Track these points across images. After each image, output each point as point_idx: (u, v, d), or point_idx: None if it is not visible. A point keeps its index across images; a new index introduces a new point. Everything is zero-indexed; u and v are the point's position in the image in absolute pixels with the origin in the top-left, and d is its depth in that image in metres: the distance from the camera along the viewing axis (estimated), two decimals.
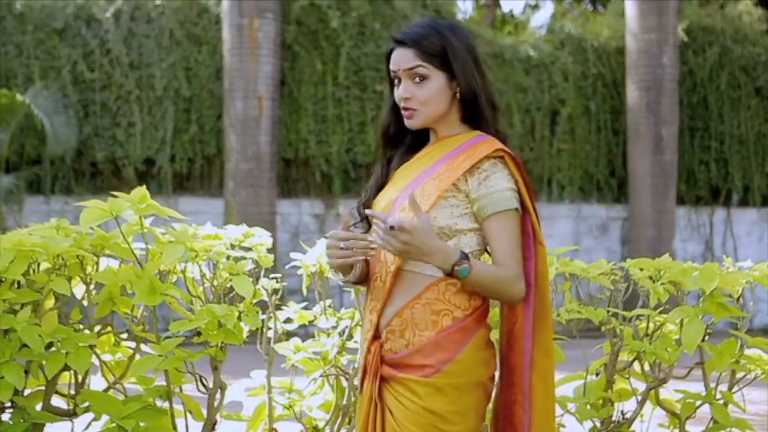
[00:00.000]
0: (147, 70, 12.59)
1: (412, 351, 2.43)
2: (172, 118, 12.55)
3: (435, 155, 2.52)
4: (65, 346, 3.09)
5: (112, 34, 12.53)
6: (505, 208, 2.43)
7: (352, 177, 13.13)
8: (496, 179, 2.44)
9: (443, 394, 2.41)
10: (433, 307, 2.42)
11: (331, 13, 12.93)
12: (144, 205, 3.11)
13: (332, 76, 12.93)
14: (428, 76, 2.47)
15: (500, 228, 2.42)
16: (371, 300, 2.53)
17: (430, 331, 2.42)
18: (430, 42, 2.47)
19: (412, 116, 2.50)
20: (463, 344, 2.43)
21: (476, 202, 2.44)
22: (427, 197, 2.42)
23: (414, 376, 2.42)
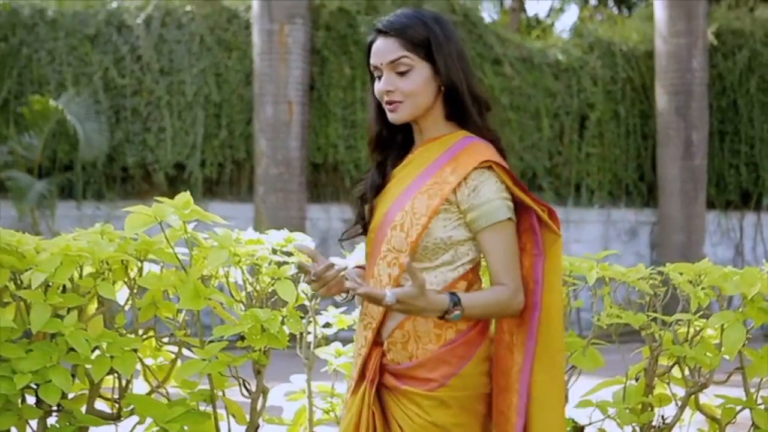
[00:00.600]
0: (177, 76, 12.67)
1: (416, 364, 2.40)
2: (202, 124, 12.62)
3: (422, 161, 2.45)
4: (111, 350, 3.12)
5: (143, 40, 12.63)
6: (497, 219, 2.37)
7: None
8: (486, 190, 2.38)
9: (447, 407, 2.39)
10: (436, 321, 2.38)
11: (360, 18, 12.97)
12: (188, 211, 3.13)
13: (361, 80, 12.96)
14: (413, 66, 2.38)
15: (494, 241, 2.37)
16: (365, 316, 2.49)
17: (433, 344, 2.40)
18: (414, 31, 2.37)
19: (396, 109, 2.41)
20: (468, 358, 2.42)
21: (468, 213, 2.38)
22: (419, 216, 2.37)
23: (419, 389, 2.39)
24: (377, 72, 2.44)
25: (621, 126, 14.42)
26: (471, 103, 2.44)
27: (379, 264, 2.43)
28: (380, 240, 2.44)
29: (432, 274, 2.41)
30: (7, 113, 12.29)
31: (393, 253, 2.41)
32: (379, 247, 2.45)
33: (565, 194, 14.19)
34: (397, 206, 2.41)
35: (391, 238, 2.40)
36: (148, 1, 12.90)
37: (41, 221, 11.59)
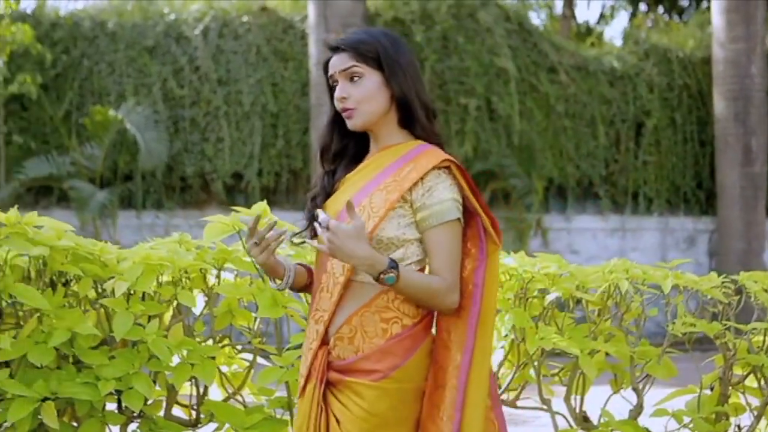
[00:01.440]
0: (235, 86, 12.80)
1: (361, 357, 2.44)
2: (259, 133, 12.74)
3: (380, 164, 2.53)
4: (191, 357, 3.17)
5: (200, 51, 12.78)
6: (446, 219, 2.44)
7: None
8: (440, 190, 2.45)
9: (389, 397, 2.43)
10: (383, 315, 2.45)
11: (414, 28, 13.02)
12: (265, 220, 3.17)
13: None
14: (363, 74, 2.50)
15: (439, 239, 2.44)
16: (316, 310, 2.54)
17: (379, 338, 2.44)
18: (363, 44, 2.50)
19: (351, 116, 2.51)
20: (413, 351, 2.46)
21: (419, 212, 2.45)
22: (377, 209, 2.44)
23: (362, 379, 2.43)
24: (333, 83, 2.56)
25: (678, 133, 14.31)
26: (419, 109, 2.53)
27: (333, 259, 2.47)
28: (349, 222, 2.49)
29: None
30: (69, 124, 12.50)
31: None
32: None
33: (622, 202, 14.11)
34: (355, 201, 2.47)
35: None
36: (206, 13, 13.05)
37: (103, 230, 11.77)
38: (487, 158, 13.16)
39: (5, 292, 3.05)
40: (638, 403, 3.59)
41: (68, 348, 3.11)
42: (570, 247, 13.62)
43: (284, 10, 13.31)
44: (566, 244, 13.65)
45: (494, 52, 13.27)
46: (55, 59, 12.48)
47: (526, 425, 6.14)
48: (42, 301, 3.03)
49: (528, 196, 13.14)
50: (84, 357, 3.11)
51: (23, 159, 12.12)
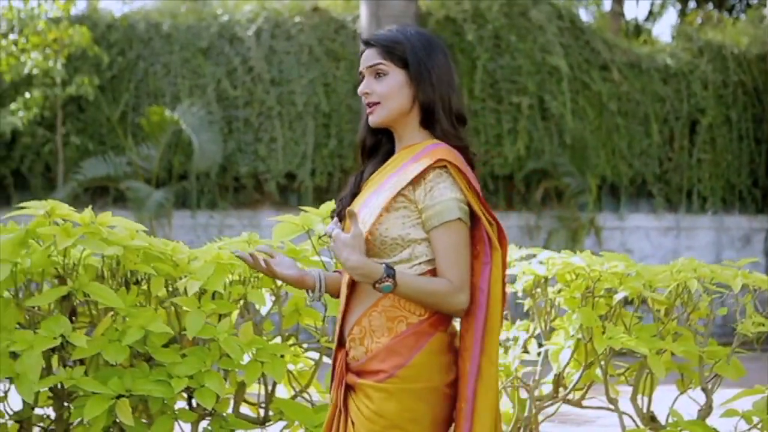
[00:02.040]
0: (288, 87, 12.87)
1: (370, 357, 2.43)
2: (312, 133, 12.80)
3: (393, 167, 2.53)
4: (261, 355, 3.21)
5: (254, 52, 12.86)
6: (447, 219, 2.40)
7: (490, 189, 13.14)
8: (440, 190, 2.42)
9: (396, 399, 2.39)
10: (389, 314, 2.43)
11: (466, 27, 13.00)
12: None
13: (468, 88, 12.98)
14: (387, 72, 2.50)
15: (442, 240, 2.41)
16: (339, 312, 2.55)
17: (386, 337, 2.43)
18: (392, 42, 2.51)
19: (373, 111, 2.52)
20: (417, 348, 2.42)
21: (423, 212, 2.42)
22: (375, 208, 2.44)
23: (370, 381, 2.42)
24: (360, 78, 2.57)
25: (733, 131, 14.14)
26: (442, 111, 2.51)
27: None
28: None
29: None
30: (125, 125, 12.65)
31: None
32: None
33: (676, 201, 13.98)
34: (365, 204, 2.49)
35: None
36: (258, 14, 13.14)
37: (158, 230, 11.89)
38: (539, 157, 13.11)
39: (80, 291, 3.11)
40: (707, 403, 3.56)
41: (141, 346, 3.16)
42: (623, 246, 13.52)
43: (336, 11, 13.36)
44: (619, 243, 13.56)
45: (546, 50, 13.21)
46: (111, 61, 12.64)
47: (588, 425, 6.12)
48: (117, 300, 3.08)
49: (581, 195, 13.06)
50: (157, 355, 3.16)
51: (80, 160, 12.29)
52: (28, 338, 3.06)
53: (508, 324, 3.90)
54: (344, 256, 2.31)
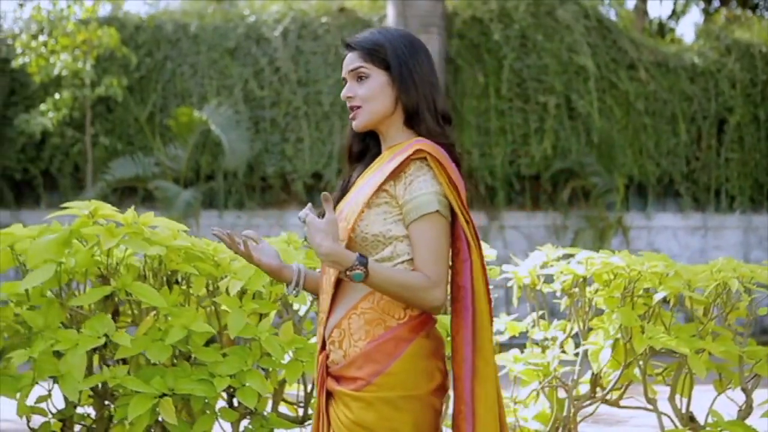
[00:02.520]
0: (314, 87, 12.90)
1: (348, 362, 2.40)
2: (338, 133, 12.82)
3: (379, 165, 2.51)
4: (301, 355, 3.22)
5: (280, 53, 12.90)
6: (426, 211, 2.37)
7: (516, 189, 13.13)
8: (420, 183, 2.39)
9: (374, 409, 2.35)
10: (367, 317, 2.40)
11: (493, 26, 12.99)
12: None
13: (495, 88, 12.98)
14: (369, 74, 2.49)
15: (420, 233, 2.37)
16: (320, 312, 2.53)
17: (363, 341, 2.39)
18: (373, 44, 2.50)
19: (355, 116, 2.51)
20: (396, 355, 2.37)
21: (403, 206, 2.40)
22: (357, 205, 2.42)
23: (347, 389, 2.38)
24: (345, 83, 2.56)
25: (761, 129, 14.05)
26: (427, 111, 2.49)
27: None
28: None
29: None
30: (153, 126, 12.72)
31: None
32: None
33: (703, 200, 13.90)
34: (347, 205, 2.49)
35: (340, 230, 2.41)
36: (285, 14, 13.17)
37: None
38: (566, 157, 13.07)
39: (122, 290, 3.13)
40: (747, 403, 3.55)
41: (183, 345, 3.18)
42: (651, 245, 13.46)
43: (362, 11, 13.38)
44: (647, 243, 13.50)
45: (573, 49, 13.18)
46: (139, 62, 12.71)
47: (621, 425, 6.10)
48: (160, 299, 3.10)
49: (608, 194, 13.02)
50: (199, 354, 3.19)
51: (108, 160, 12.36)
52: (73, 338, 3.08)
53: (545, 324, 3.89)
54: (317, 242, 2.28)
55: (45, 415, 3.34)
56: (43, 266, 3.09)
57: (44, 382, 3.25)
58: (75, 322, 3.28)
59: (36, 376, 3.13)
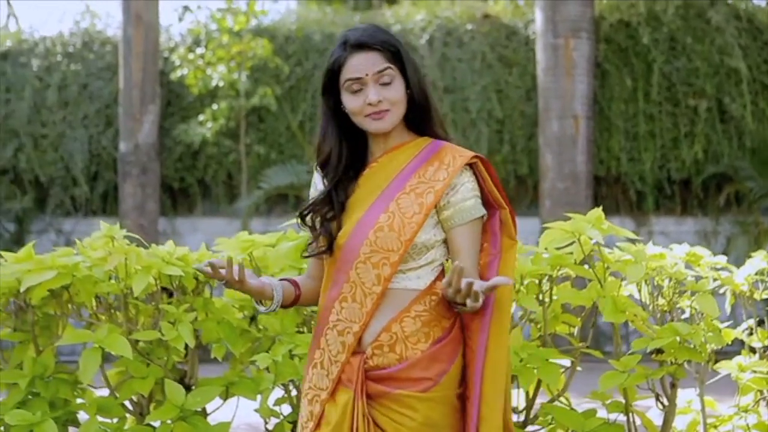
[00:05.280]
0: (461, 94, 12.94)
1: (409, 364, 2.40)
2: (485, 139, 12.83)
3: (394, 168, 2.50)
4: (532, 361, 3.25)
5: (427, 60, 12.98)
6: (473, 217, 2.45)
7: (666, 194, 12.92)
8: (464, 189, 2.45)
9: (442, 406, 2.40)
10: (423, 319, 2.42)
11: (641, 30, 12.80)
12: (605, 226, 3.22)
13: (644, 92, 12.79)
14: (394, 77, 2.46)
15: (466, 237, 2.44)
16: (339, 320, 2.46)
17: (423, 343, 2.41)
18: (390, 45, 2.46)
19: (383, 117, 2.46)
20: (456, 355, 2.44)
21: (444, 210, 2.44)
22: (410, 214, 2.41)
23: (412, 391, 2.38)
24: (356, 84, 2.47)
25: None
26: (433, 111, 2.54)
27: (358, 267, 2.43)
28: (356, 245, 2.45)
29: (415, 274, 2.46)
30: (303, 134, 12.96)
31: (380, 253, 2.42)
32: (354, 252, 2.45)
33: None
34: (377, 210, 2.45)
35: (377, 239, 2.41)
36: (431, 22, 13.26)
37: None
38: (718, 161, 12.79)
39: None
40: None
41: None
42: None
43: (507, 17, 13.36)
44: None
45: (724, 51, 12.89)
46: (290, 71, 12.96)
47: None
48: None
49: (764, 199, 12.68)
50: None
51: (261, 168, 12.64)
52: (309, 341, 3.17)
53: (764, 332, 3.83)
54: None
55: (277, 416, 3.45)
56: (282, 273, 3.21)
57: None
58: (308, 327, 3.38)
59: (277, 379, 3.24)
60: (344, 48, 2.48)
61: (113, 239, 3.32)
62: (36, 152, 13.09)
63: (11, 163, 13.10)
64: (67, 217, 13.14)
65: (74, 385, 3.49)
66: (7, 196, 13.04)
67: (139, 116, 12.11)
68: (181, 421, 3.22)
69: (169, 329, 3.22)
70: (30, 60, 13.37)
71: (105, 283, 3.32)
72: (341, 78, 2.48)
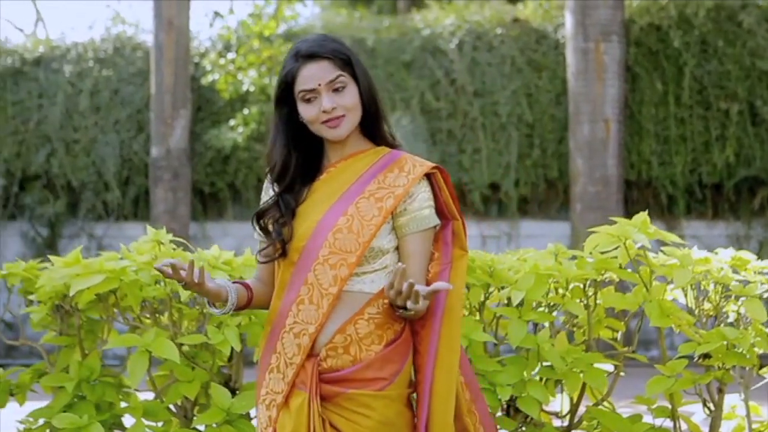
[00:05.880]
0: (491, 98, 12.93)
1: (363, 366, 2.45)
2: (515, 143, 12.81)
3: (354, 171, 2.54)
4: (578, 365, 3.24)
5: (456, 64, 12.98)
6: (428, 226, 2.51)
7: (698, 198, 12.85)
8: (421, 198, 2.50)
9: (396, 404, 2.47)
10: (376, 321, 2.47)
11: (672, 33, 12.74)
12: (651, 230, 3.22)
13: (674, 95, 12.73)
14: (347, 84, 2.50)
15: (418, 245, 2.50)
16: (296, 323, 2.49)
17: (377, 345, 2.47)
18: (340, 53, 2.51)
19: (339, 124, 2.50)
20: (406, 356, 2.50)
21: (399, 217, 2.49)
22: (371, 218, 2.46)
23: (369, 390, 2.44)
24: (311, 95, 2.51)
25: None
26: (383, 119, 2.59)
27: (316, 269, 2.47)
28: (315, 247, 2.49)
29: (370, 278, 2.51)
30: None
31: (339, 255, 2.46)
32: (313, 254, 2.49)
33: None
34: (336, 212, 2.49)
35: (335, 241, 2.46)
36: (460, 26, 13.25)
37: None
38: (750, 164, 12.70)
39: None
40: None
41: None
42: None
43: (536, 21, 13.34)
44: None
45: (757, 54, 12.80)
46: None
47: None
48: None
49: None
50: (479, 364, 3.24)
51: None
52: None
53: None
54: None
55: None
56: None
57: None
58: None
59: None
60: (296, 59, 2.53)
61: (160, 243, 3.34)
62: (68, 157, 13.19)
63: (44, 168, 13.21)
64: (99, 221, 13.22)
65: (119, 389, 3.52)
66: (40, 201, 13.14)
67: (171, 121, 12.18)
68: (227, 425, 3.24)
69: (215, 333, 3.24)
70: (62, 66, 13.48)
71: (151, 287, 3.34)
72: (295, 89, 2.53)
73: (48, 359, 3.59)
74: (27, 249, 13.11)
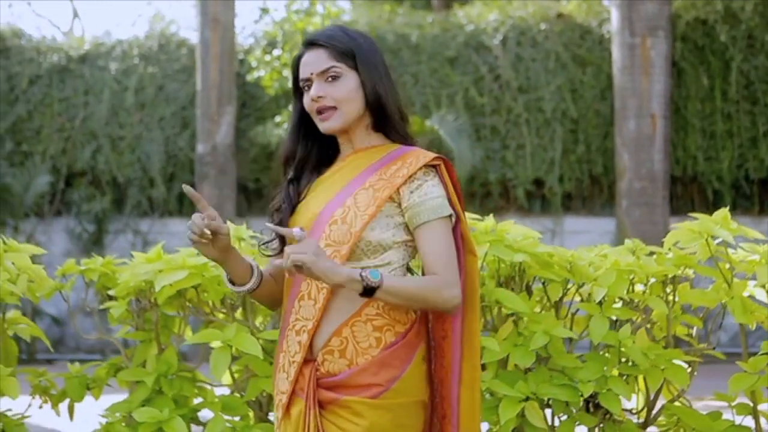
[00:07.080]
0: (535, 93, 12.90)
1: (358, 370, 2.32)
2: (560, 139, 12.78)
3: (360, 164, 2.42)
4: (659, 362, 3.22)
5: (500, 60, 12.96)
6: (440, 215, 2.33)
7: (745, 193, 12.75)
8: (430, 187, 2.35)
9: (392, 414, 2.31)
10: (375, 323, 2.33)
11: (718, 28, 12.65)
12: (735, 226, 3.19)
13: (721, 90, 12.64)
14: (341, 74, 2.40)
15: (432, 236, 2.32)
16: (297, 319, 2.39)
17: (374, 348, 2.33)
18: (340, 42, 2.40)
19: (328, 117, 2.41)
20: (408, 361, 2.35)
21: (409, 209, 2.34)
22: (364, 208, 2.34)
23: (361, 397, 2.31)
24: (307, 84, 2.45)
25: None
26: (394, 113, 2.46)
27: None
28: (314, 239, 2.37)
29: None
30: None
31: (333, 246, 2.35)
32: None
33: None
34: (335, 204, 2.38)
35: (331, 233, 2.35)
36: (504, 22, 13.22)
37: None
38: None
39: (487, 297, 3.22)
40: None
41: (543, 350, 3.24)
42: None
43: (580, 16, 13.29)
44: None
45: None
46: None
47: None
48: (523, 305, 3.18)
49: None
50: (559, 359, 3.23)
51: None
52: None
53: None
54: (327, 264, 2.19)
55: None
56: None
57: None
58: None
59: None
60: (302, 48, 2.50)
61: (241, 240, 3.36)
62: (114, 154, 13.31)
63: (90, 164, 13.34)
64: (144, 217, 13.33)
65: (195, 383, 3.54)
66: (86, 198, 13.26)
67: (217, 117, 12.25)
68: None
69: None
70: (108, 63, 13.60)
71: None
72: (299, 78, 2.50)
73: (125, 354, 3.62)
74: (73, 245, 13.24)
